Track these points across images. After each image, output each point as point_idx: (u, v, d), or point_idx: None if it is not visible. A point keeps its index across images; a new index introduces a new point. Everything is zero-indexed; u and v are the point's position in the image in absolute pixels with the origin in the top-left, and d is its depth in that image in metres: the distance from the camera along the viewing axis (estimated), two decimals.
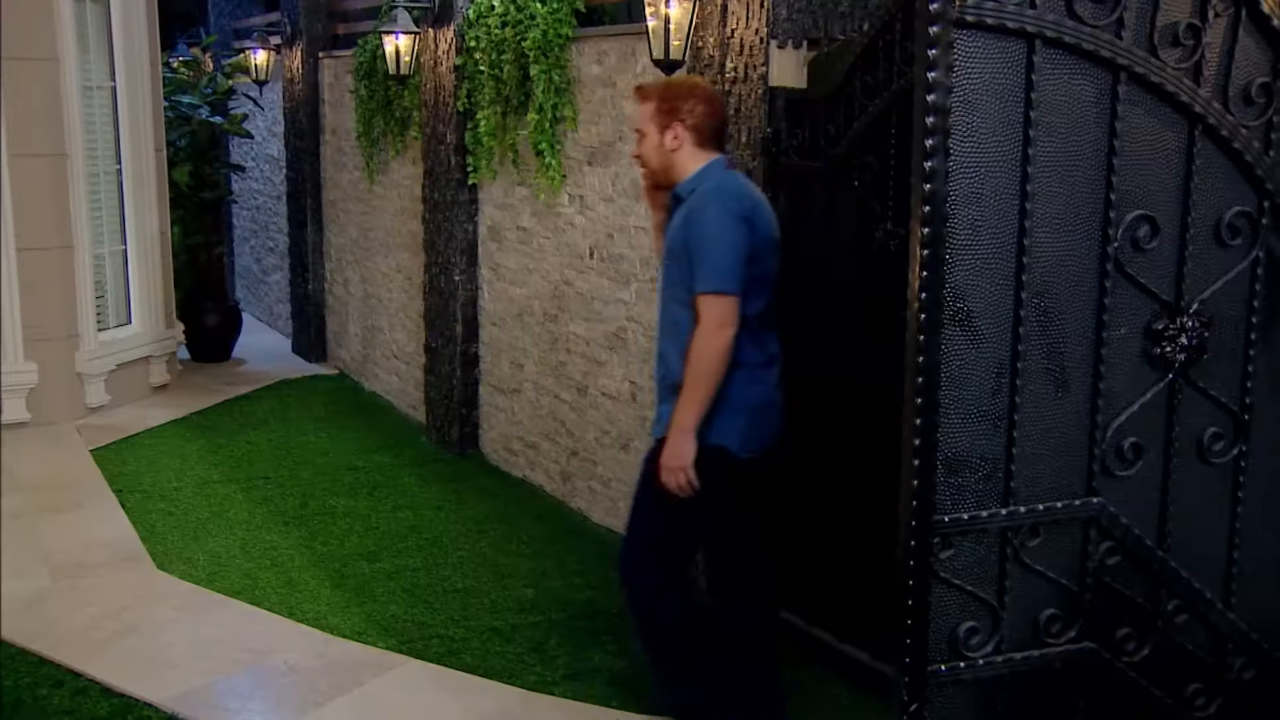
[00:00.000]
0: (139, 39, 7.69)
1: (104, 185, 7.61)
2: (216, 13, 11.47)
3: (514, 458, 6.44)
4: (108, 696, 4.04)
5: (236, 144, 10.71)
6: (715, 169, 3.52)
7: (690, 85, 3.59)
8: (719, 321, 3.32)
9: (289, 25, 9.00)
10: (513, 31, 5.81)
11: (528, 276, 6.15)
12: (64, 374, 7.22)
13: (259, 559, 5.25)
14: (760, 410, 3.52)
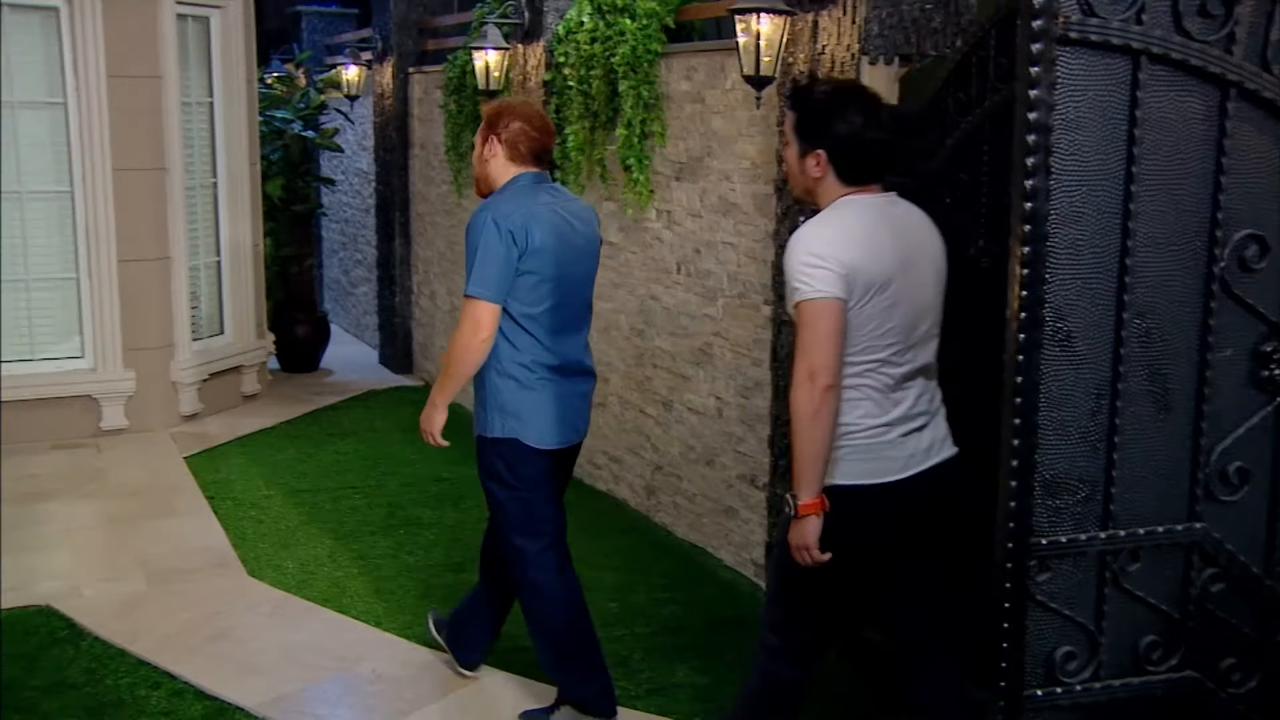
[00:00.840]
0: (237, 56, 7.85)
1: (200, 198, 7.77)
2: (310, 29, 11.68)
3: (598, 471, 6.46)
4: (202, 699, 4.11)
5: (327, 158, 10.88)
6: (515, 184, 3.72)
7: (513, 105, 3.82)
8: (472, 322, 3.58)
9: (380, 41, 9.14)
10: (602, 47, 5.85)
11: (614, 291, 6.17)
12: (160, 382, 7.38)
13: (347, 568, 5.31)
14: (549, 402, 3.73)
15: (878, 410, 3.03)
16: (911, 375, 3.10)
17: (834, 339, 2.90)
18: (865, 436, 3.02)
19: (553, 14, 6.49)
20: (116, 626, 4.65)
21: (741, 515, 5.24)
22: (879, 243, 3.00)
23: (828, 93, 3.11)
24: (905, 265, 3.03)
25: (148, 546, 5.50)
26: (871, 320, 2.98)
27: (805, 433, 2.90)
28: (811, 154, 3.09)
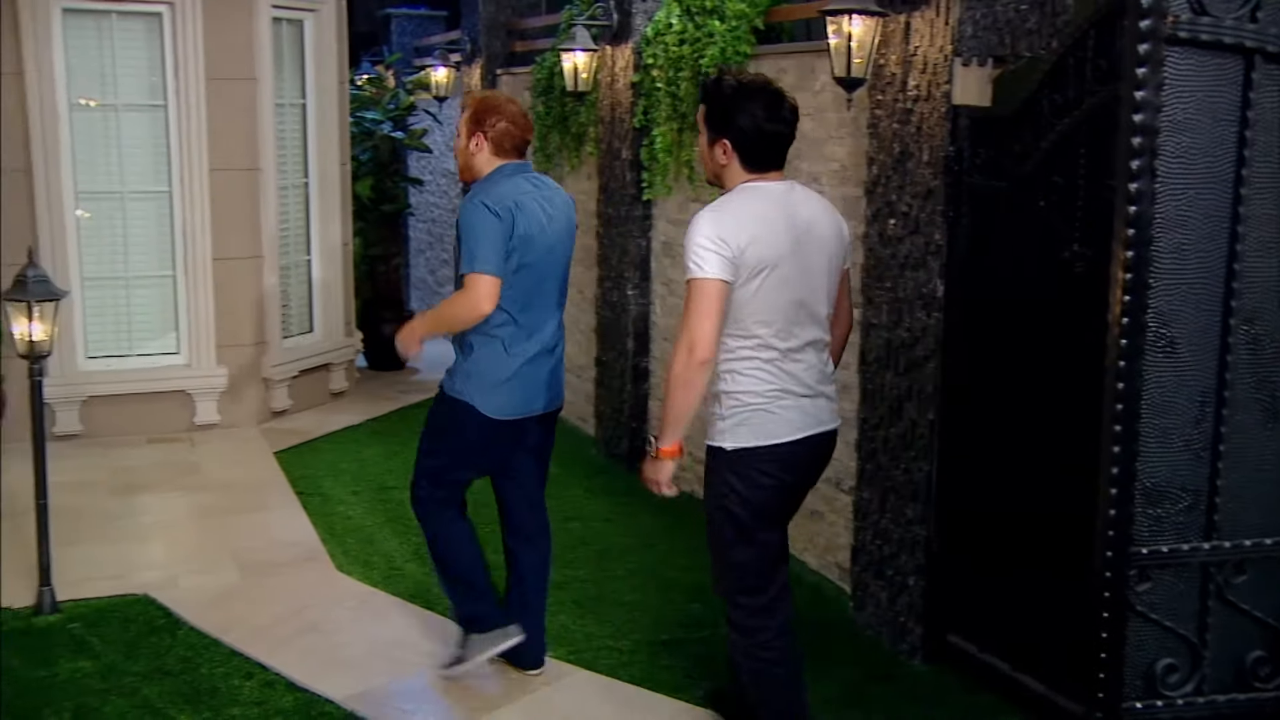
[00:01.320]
0: (329, 58, 7.97)
1: (292, 198, 7.90)
2: (399, 32, 11.83)
3: (682, 472, 6.46)
4: (292, 690, 4.18)
5: (415, 158, 11.01)
6: (499, 173, 4.05)
7: (499, 103, 4.11)
8: (475, 295, 3.85)
9: (469, 43, 9.23)
10: (690, 49, 5.85)
11: None
12: (251, 379, 7.51)
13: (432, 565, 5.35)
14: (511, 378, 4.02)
15: (768, 379, 3.33)
16: (800, 348, 3.37)
17: (714, 316, 3.20)
18: (756, 402, 3.32)
19: (641, 16, 6.51)
20: (211, 617, 4.74)
21: (827, 518, 5.21)
22: (771, 226, 3.27)
23: (734, 87, 3.35)
24: (796, 247, 3.30)
25: (240, 539, 5.60)
26: (762, 296, 3.25)
27: (677, 395, 3.26)
28: (719, 142, 3.37)
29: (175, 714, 3.98)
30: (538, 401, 4.15)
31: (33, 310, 4.57)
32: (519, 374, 4.04)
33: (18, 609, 4.74)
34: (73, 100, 6.99)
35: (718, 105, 3.38)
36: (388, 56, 10.72)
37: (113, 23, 7.03)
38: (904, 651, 4.48)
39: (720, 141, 3.36)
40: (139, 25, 7.08)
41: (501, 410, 4.04)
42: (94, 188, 7.12)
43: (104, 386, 7.18)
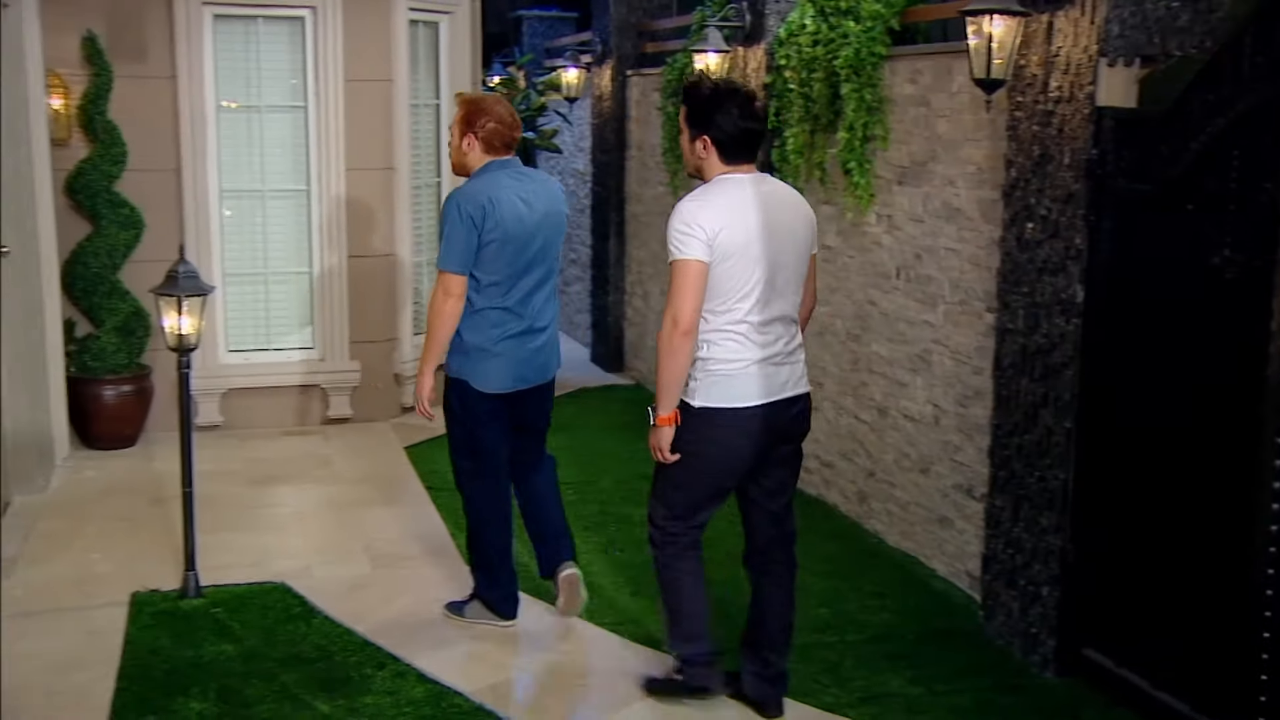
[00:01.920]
0: (463, 59, 8.09)
1: (425, 197, 8.04)
2: (530, 33, 11.96)
3: (809, 475, 6.42)
4: (423, 681, 4.26)
5: (544, 158, 11.11)
6: (483, 171, 4.43)
7: (488, 105, 4.50)
8: (442, 289, 4.33)
9: (600, 44, 9.29)
10: (824, 50, 5.81)
11: (830, 295, 6.13)
12: (383, 374, 7.66)
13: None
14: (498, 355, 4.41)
15: (740, 348, 3.72)
16: (770, 322, 3.76)
17: (695, 293, 3.63)
18: (729, 368, 3.72)
19: (774, 17, 6.49)
20: (344, 606, 4.86)
21: (956, 525, 5.14)
22: (744, 213, 3.68)
23: (712, 89, 3.77)
24: (766, 231, 3.69)
25: (372, 532, 5.72)
26: (735, 274, 3.66)
27: (665, 364, 3.69)
28: (699, 139, 3.77)
29: (311, 700, 4.08)
30: (527, 376, 4.53)
31: (182, 305, 4.73)
32: (506, 351, 4.44)
33: (165, 591, 4.92)
34: (219, 102, 7.21)
35: (698, 106, 3.77)
36: (519, 58, 10.85)
37: (259, 27, 7.24)
38: (1035, 663, 4.40)
39: (701, 138, 3.77)
40: (283, 29, 7.28)
41: (490, 384, 4.45)
42: (237, 186, 7.34)
43: (243, 379, 7.40)
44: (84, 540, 5.53)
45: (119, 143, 6.97)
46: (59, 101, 6.79)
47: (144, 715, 3.95)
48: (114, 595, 4.90)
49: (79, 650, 4.41)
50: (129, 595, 4.89)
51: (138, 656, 4.37)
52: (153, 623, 4.65)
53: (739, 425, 3.75)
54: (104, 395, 6.94)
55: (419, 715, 4.01)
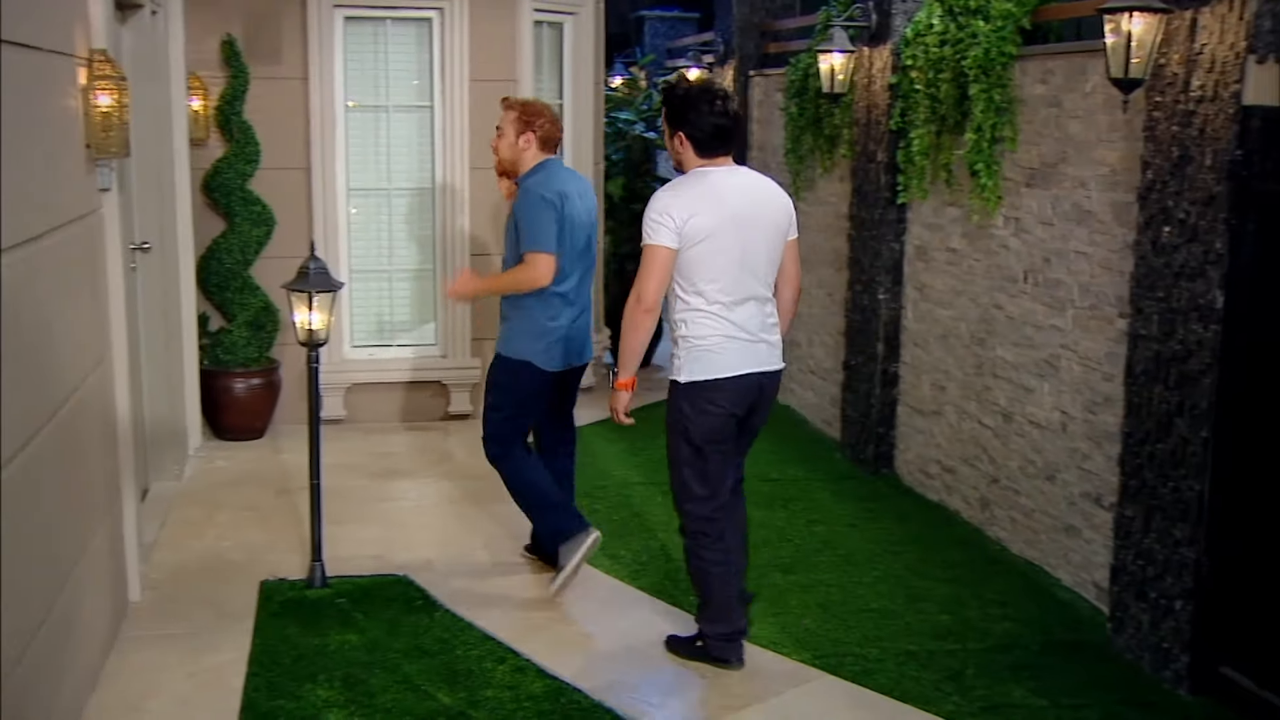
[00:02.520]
0: (586, 59, 8.15)
1: None
2: (652, 33, 12.00)
3: (930, 480, 6.34)
4: (543, 677, 4.29)
5: (664, 158, 11.12)
6: (545, 166, 4.89)
7: (541, 107, 4.98)
8: (534, 270, 4.74)
9: (722, 44, 9.28)
10: (952, 50, 5.73)
11: (955, 298, 6.04)
12: None
13: (678, 561, 5.39)
14: (559, 338, 4.88)
15: (714, 326, 4.10)
16: (742, 301, 4.12)
17: (659, 275, 4.04)
18: (707, 344, 4.12)
19: (901, 16, 6.41)
20: (465, 600, 4.92)
21: (1084, 535, 5.02)
22: (715, 202, 4.05)
23: (687, 90, 4.17)
24: (736, 219, 4.07)
25: (491, 527, 5.79)
26: (707, 258, 4.04)
27: (628, 337, 4.17)
28: (676, 135, 4.16)
29: (434, 691, 4.15)
30: (578, 355, 5.02)
31: (313, 300, 4.83)
32: (565, 334, 4.89)
33: (292, 581, 5.03)
34: (347, 102, 7.36)
35: (674, 105, 4.16)
36: (641, 58, 10.88)
37: (387, 28, 7.38)
38: (1167, 680, 4.28)
39: (678, 134, 4.15)
40: (410, 30, 7.41)
41: (552, 363, 4.91)
42: (364, 185, 7.49)
43: (366, 374, 7.54)
44: (216, 528, 5.69)
45: (253, 142, 7.16)
46: (198, 102, 6.99)
47: (274, 700, 4.05)
48: (244, 582, 5.03)
49: (213, 634, 4.54)
50: (258, 583, 5.02)
51: (267, 643, 4.48)
52: (281, 611, 4.76)
53: (723, 394, 4.16)
54: (234, 388, 7.13)
55: (538, 710, 4.05)
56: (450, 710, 4.02)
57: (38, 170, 3.54)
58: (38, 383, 3.43)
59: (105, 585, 4.33)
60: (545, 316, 4.86)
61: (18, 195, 3.28)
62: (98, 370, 4.26)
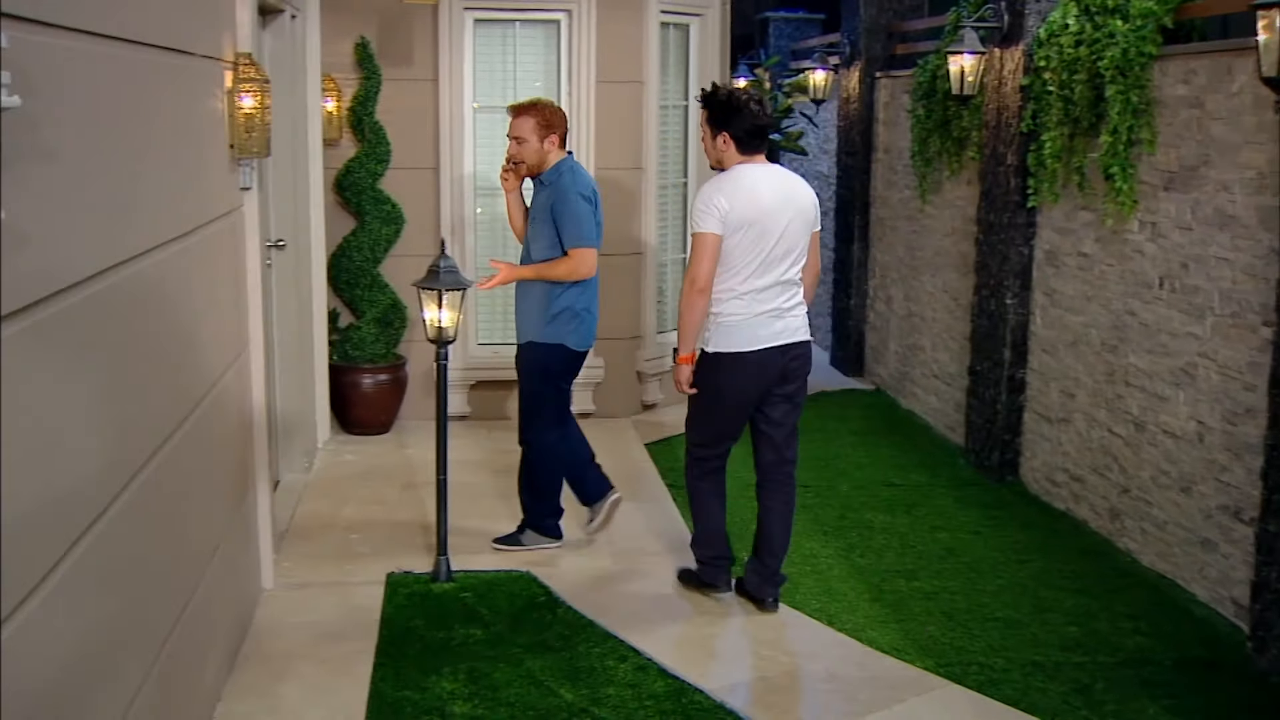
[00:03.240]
0: (712, 61, 8.15)
1: (670, 197, 8.13)
2: (776, 34, 11.95)
3: (1056, 489, 6.22)
4: (664, 676, 4.30)
5: (787, 160, 11.09)
6: (570, 165, 5.28)
7: (556, 106, 5.34)
8: (580, 264, 5.16)
9: (848, 46, 9.21)
10: (1088, 50, 5.61)
11: (1085, 304, 5.91)
12: (626, 372, 7.79)
13: (799, 564, 5.39)
14: (586, 324, 5.33)
15: (746, 305, 4.63)
16: (771, 285, 4.64)
17: (710, 259, 4.58)
18: (733, 320, 4.64)
19: (1034, 16, 6.30)
20: (587, 598, 4.96)
21: (1221, 549, 4.88)
22: (754, 195, 4.59)
23: (730, 94, 4.70)
24: (771, 210, 4.59)
25: (614, 526, 5.80)
26: (743, 246, 4.58)
27: (684, 315, 4.67)
28: (720, 135, 4.68)
29: (556, 687, 4.19)
30: (594, 338, 5.46)
31: (442, 298, 4.91)
32: (593, 316, 5.36)
33: (418, 574, 5.13)
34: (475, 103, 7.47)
35: (718, 109, 4.68)
36: (765, 59, 10.85)
37: (515, 30, 7.47)
38: None
39: (722, 134, 4.68)
40: (538, 32, 7.49)
41: (586, 343, 5.36)
42: (491, 184, 7.57)
43: (490, 372, 7.62)
44: (343, 520, 5.82)
45: (384, 142, 7.30)
46: (331, 103, 7.15)
47: (400, 690, 4.13)
48: (371, 574, 5.13)
49: (342, 624, 4.64)
50: (384, 575, 5.12)
51: (394, 634, 4.56)
52: (407, 603, 4.85)
53: (742, 365, 4.66)
54: (363, 383, 7.27)
55: (660, 710, 4.06)
56: (572, 706, 4.06)
57: (188, 169, 3.66)
58: (185, 374, 3.55)
59: (242, 572, 4.45)
60: (583, 301, 5.27)
61: (170, 193, 3.39)
62: (236, 363, 4.38)
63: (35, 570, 2.27)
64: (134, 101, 3.05)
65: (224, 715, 3.93)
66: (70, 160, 2.49)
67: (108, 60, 2.80)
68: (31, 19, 2.25)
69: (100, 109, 2.74)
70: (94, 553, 2.60)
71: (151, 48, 3.20)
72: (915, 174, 7.92)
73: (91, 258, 2.63)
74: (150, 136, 3.20)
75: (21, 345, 2.20)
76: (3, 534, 2.11)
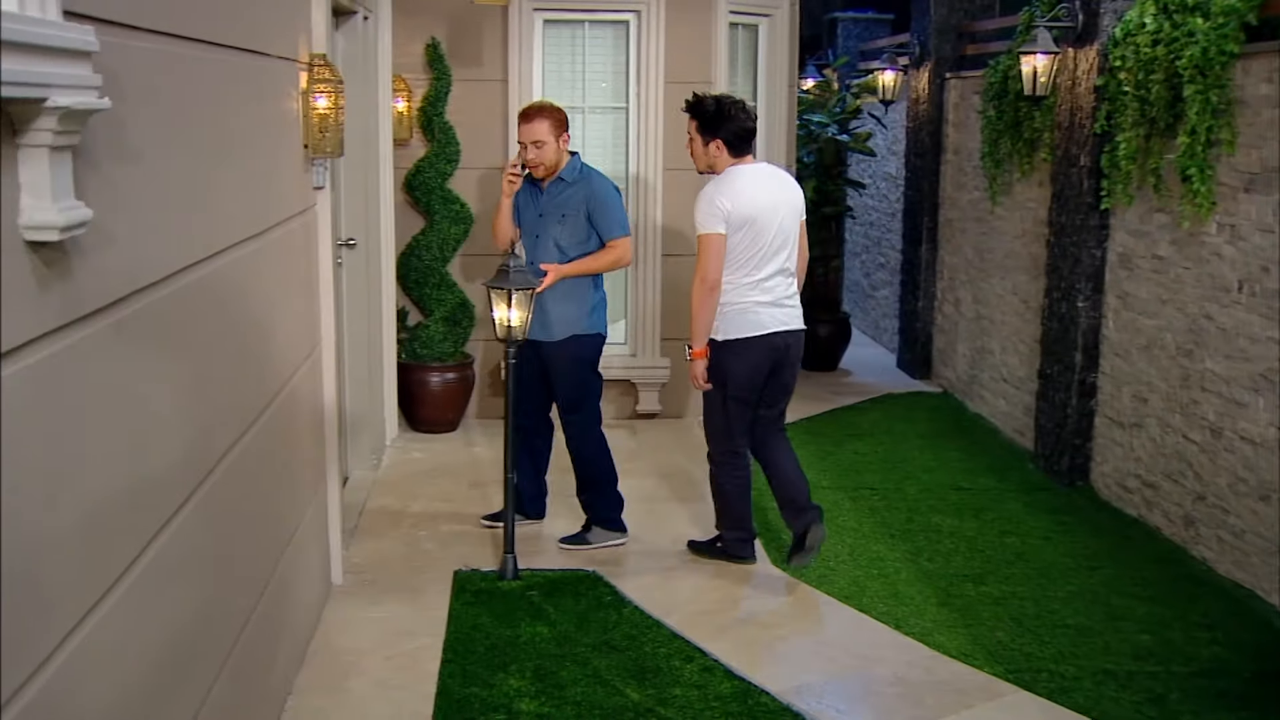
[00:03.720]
0: (780, 61, 8.12)
1: None
2: (845, 35, 11.88)
3: (1128, 495, 6.12)
4: (730, 678, 4.29)
5: (855, 161, 11.03)
6: (583, 163, 5.46)
7: (559, 106, 5.43)
8: (626, 250, 5.41)
9: (918, 46, 9.14)
10: (1165, 50, 5.52)
11: (1160, 308, 5.82)
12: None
13: (866, 567, 5.36)
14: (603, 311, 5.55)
15: (748, 294, 4.99)
16: (770, 275, 5.01)
17: (718, 257, 4.93)
18: (740, 309, 4.99)
19: (1109, 16, 6.21)
20: (653, 598, 4.96)
21: None
22: (752, 193, 4.94)
23: (715, 102, 5.05)
24: (767, 207, 4.95)
25: (679, 527, 5.82)
26: (745, 241, 4.93)
27: (697, 313, 5.01)
28: (713, 141, 5.02)
29: (622, 686, 4.19)
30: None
31: (512, 298, 4.94)
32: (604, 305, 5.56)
33: (484, 572, 5.16)
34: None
35: (708, 117, 5.02)
36: (833, 60, 10.79)
37: (585, 31, 7.49)
38: None
39: (714, 140, 5.01)
40: (608, 33, 7.50)
41: (606, 330, 5.56)
42: None
43: None
44: (411, 517, 5.87)
45: (454, 142, 7.35)
46: (402, 104, 7.21)
47: (468, 687, 4.15)
48: (438, 571, 5.17)
49: (409, 620, 4.68)
50: (451, 572, 5.15)
51: (461, 631, 4.59)
52: (474, 600, 4.88)
53: (751, 349, 5.02)
54: (430, 381, 7.33)
55: (726, 711, 4.06)
56: (639, 706, 4.06)
57: (264, 168, 3.71)
58: (260, 370, 3.60)
59: (312, 567, 4.51)
60: (602, 292, 5.53)
61: (247, 192, 3.44)
62: (309, 361, 4.43)
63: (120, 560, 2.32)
64: (213, 102, 3.09)
65: (294, 709, 3.98)
66: (153, 160, 2.53)
67: (190, 62, 2.85)
68: (120, 22, 2.29)
69: (182, 110, 2.79)
70: (175, 545, 2.64)
71: (231, 49, 3.25)
72: (985, 175, 7.84)
73: (172, 255, 2.68)
74: (228, 136, 3.25)
75: (106, 340, 2.25)
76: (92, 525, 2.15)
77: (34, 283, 1.93)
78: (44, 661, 1.97)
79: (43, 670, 1.96)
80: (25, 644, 1.90)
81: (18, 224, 1.87)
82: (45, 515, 1.99)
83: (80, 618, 2.12)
